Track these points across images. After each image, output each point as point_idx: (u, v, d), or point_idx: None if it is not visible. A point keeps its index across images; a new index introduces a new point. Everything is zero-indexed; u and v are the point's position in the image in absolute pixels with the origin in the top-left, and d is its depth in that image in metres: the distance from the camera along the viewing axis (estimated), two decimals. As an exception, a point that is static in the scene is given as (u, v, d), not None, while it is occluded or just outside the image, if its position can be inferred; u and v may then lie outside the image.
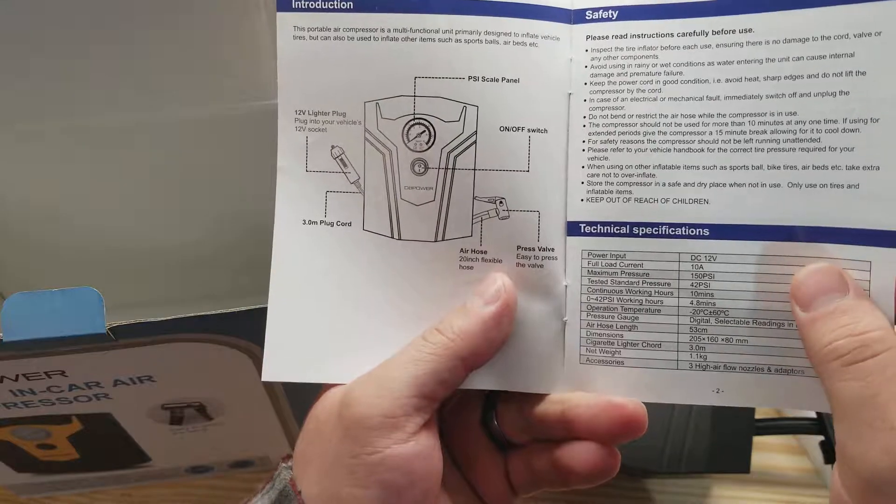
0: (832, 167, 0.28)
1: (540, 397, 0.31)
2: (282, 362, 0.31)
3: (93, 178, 0.45)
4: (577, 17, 0.31)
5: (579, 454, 0.30)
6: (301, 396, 0.31)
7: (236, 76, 0.40)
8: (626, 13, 0.31)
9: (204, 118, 0.43)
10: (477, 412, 0.33)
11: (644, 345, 0.30)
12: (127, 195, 0.47)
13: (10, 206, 0.46)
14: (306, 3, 0.31)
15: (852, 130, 0.28)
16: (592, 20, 0.31)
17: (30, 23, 0.37)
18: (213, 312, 0.32)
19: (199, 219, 0.49)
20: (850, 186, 0.28)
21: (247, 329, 0.34)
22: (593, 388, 0.31)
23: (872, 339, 0.25)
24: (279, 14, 0.31)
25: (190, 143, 0.44)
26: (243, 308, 0.32)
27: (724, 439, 0.44)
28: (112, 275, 0.49)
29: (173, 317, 0.32)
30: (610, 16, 0.31)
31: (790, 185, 0.29)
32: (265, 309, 0.31)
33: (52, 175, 0.45)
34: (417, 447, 0.28)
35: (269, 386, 0.39)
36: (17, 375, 0.35)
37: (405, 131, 0.31)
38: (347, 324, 0.31)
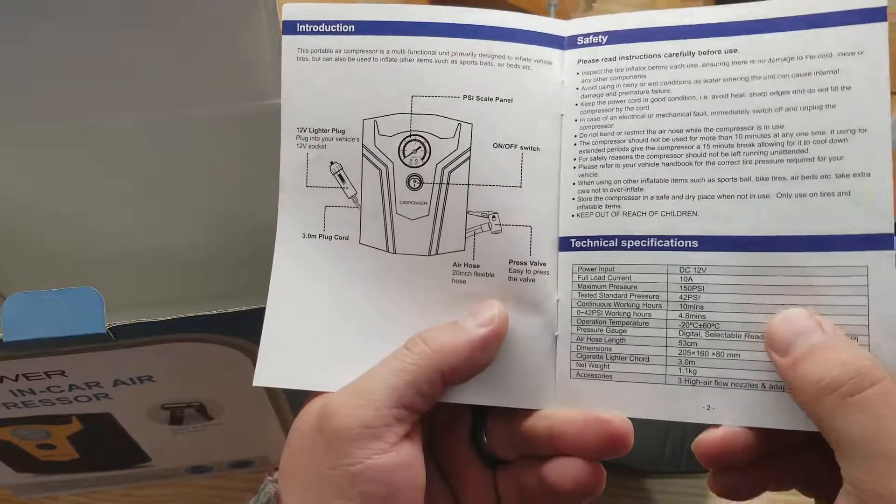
0: (822, 176, 0.28)
1: (529, 413, 0.30)
2: (274, 368, 0.31)
3: (93, 178, 0.45)
4: (569, 42, 0.32)
5: (565, 470, 0.29)
6: (301, 397, 0.31)
7: (236, 76, 0.40)
8: (615, 37, 0.31)
9: (204, 118, 0.43)
10: (466, 427, 0.32)
11: (632, 358, 0.30)
12: (127, 195, 0.47)
13: (10, 206, 0.46)
14: (310, 27, 0.32)
15: (840, 140, 0.28)
16: (583, 45, 0.32)
17: (30, 23, 0.37)
18: (213, 312, 0.32)
19: (198, 219, 0.49)
20: (841, 194, 0.28)
21: (247, 329, 0.34)
22: (584, 404, 0.30)
23: (867, 368, 0.25)
24: (284, 37, 0.32)
25: (190, 143, 0.44)
26: (243, 308, 0.32)
27: (724, 439, 0.44)
28: (112, 275, 0.49)
29: (173, 317, 0.32)
30: (600, 40, 0.31)
31: (779, 195, 0.29)
32: (265, 309, 0.31)
33: (52, 175, 0.45)
34: (399, 458, 0.28)
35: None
36: (17, 375, 0.35)
37: (401, 147, 0.31)
38: (341, 335, 0.31)
